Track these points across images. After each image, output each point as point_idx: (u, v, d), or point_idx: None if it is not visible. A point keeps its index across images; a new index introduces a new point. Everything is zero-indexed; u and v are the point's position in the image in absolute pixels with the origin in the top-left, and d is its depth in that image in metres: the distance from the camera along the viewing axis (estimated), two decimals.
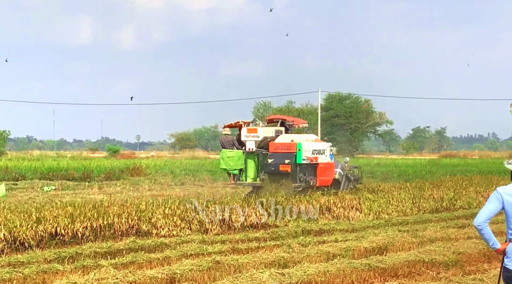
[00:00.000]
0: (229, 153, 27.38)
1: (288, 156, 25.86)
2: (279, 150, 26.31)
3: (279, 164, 25.83)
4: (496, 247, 7.01)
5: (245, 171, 27.28)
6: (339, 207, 21.87)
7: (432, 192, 26.16)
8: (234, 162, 27.17)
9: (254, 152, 27.11)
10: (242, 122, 28.46)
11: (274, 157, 26.11)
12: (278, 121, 28.77)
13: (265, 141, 26.95)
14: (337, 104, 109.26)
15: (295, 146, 25.98)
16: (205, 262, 13.07)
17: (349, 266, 12.83)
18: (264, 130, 27.48)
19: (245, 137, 27.45)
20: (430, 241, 16.20)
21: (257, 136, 27.13)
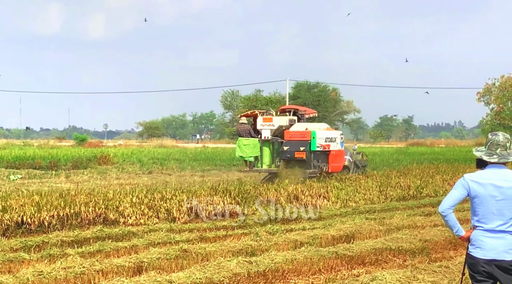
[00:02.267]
0: (245, 141, 28.64)
1: (303, 144, 27.35)
2: (294, 138, 27.77)
3: (294, 151, 27.34)
4: (460, 234, 7.06)
5: (261, 158, 28.84)
6: (306, 195, 21.89)
7: (399, 180, 26.28)
8: (250, 149, 28.56)
9: (270, 140, 28.72)
10: (258, 112, 30.07)
11: (290, 145, 27.60)
12: (291, 111, 30.11)
13: (280, 129, 28.54)
14: (305, 93, 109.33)
15: (309, 134, 27.51)
16: (172, 251, 13.04)
17: (316, 254, 12.85)
18: (279, 119, 28.92)
19: (261, 126, 28.89)
20: (397, 229, 16.28)
21: (273, 125, 28.70)
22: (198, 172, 37.61)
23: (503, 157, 6.83)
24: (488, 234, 6.81)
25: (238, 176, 33.99)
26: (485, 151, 6.94)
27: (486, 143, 6.98)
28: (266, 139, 28.79)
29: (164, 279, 10.49)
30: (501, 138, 6.91)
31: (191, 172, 37.75)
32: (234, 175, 34.87)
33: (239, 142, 28.86)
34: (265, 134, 28.77)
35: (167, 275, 10.74)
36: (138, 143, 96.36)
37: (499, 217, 6.76)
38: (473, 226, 6.97)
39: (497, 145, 6.88)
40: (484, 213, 6.82)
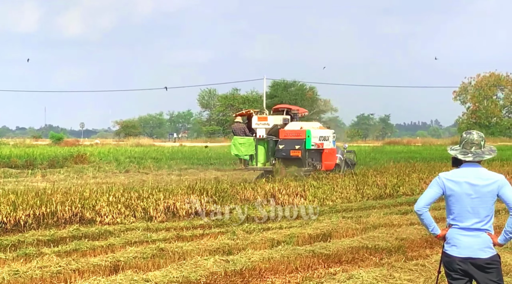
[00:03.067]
0: (241, 140, 29.13)
1: (298, 142, 28.05)
2: (289, 137, 28.48)
3: (290, 149, 28.09)
4: (436, 232, 7.08)
5: (256, 156, 29.22)
6: (283, 194, 21.91)
7: (375, 179, 26.37)
8: (245, 148, 28.94)
9: (264, 139, 29.12)
10: (252, 111, 30.50)
11: (285, 143, 28.30)
12: (284, 110, 30.90)
13: (274, 128, 29.15)
14: (282, 92, 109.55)
15: (304, 132, 28.25)
16: (149, 250, 13.03)
17: (293, 252, 12.89)
18: (274, 118, 29.61)
19: (256, 125, 29.39)
20: (373, 227, 16.34)
21: (267, 124, 29.26)
22: (175, 170, 37.49)
23: (478, 155, 6.87)
24: (464, 232, 6.84)
25: (215, 174, 33.99)
26: (460, 149, 6.97)
27: (461, 141, 7.01)
28: (261, 138, 29.16)
29: (141, 278, 10.47)
30: (476, 137, 6.95)
31: (168, 170, 37.64)
32: (211, 174, 34.82)
33: (235, 141, 29.35)
34: (260, 133, 29.14)
35: (143, 274, 10.73)
36: (115, 142, 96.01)
37: (474, 215, 6.80)
38: (449, 225, 7.00)
39: (472, 144, 6.91)
40: (459, 212, 6.85)
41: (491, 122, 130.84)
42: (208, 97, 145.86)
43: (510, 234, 6.83)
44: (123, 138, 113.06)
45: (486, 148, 6.97)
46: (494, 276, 6.79)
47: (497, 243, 6.86)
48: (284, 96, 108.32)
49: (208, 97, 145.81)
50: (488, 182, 6.78)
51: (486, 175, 6.85)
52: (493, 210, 6.87)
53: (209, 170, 38.58)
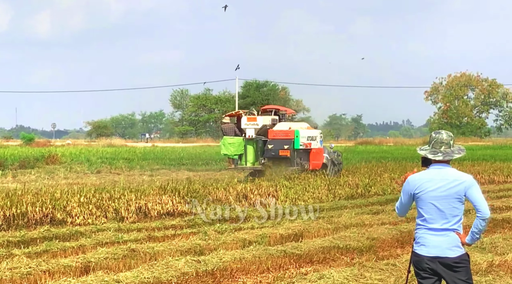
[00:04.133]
0: (230, 140, 29.87)
1: (287, 142, 28.70)
2: (278, 137, 29.10)
3: (279, 149, 28.72)
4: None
5: (245, 156, 30.04)
6: (255, 194, 21.93)
7: (347, 179, 26.46)
8: (235, 147, 29.72)
9: (253, 139, 29.89)
10: (242, 112, 31.25)
11: (274, 143, 28.91)
12: (272, 110, 31.63)
13: (264, 128, 29.73)
14: (254, 92, 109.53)
15: (293, 132, 28.84)
16: (120, 250, 12.99)
17: (265, 252, 12.90)
18: (263, 119, 30.14)
19: (245, 125, 30.07)
20: (345, 227, 16.37)
21: (257, 124, 29.85)
22: (147, 171, 37.38)
23: (447, 155, 6.90)
24: (432, 232, 6.87)
25: (188, 175, 33.93)
26: (430, 149, 7.00)
27: (430, 141, 7.04)
28: (250, 138, 29.86)
29: (112, 278, 10.45)
30: (445, 136, 6.98)
31: (140, 171, 37.52)
32: (183, 174, 34.78)
33: (224, 141, 29.98)
34: (249, 133, 29.83)
35: (114, 275, 10.70)
36: (86, 142, 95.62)
37: (442, 216, 6.83)
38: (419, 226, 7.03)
39: (441, 143, 6.95)
40: (427, 212, 6.88)
41: (462, 122, 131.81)
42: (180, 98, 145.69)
43: (476, 234, 6.89)
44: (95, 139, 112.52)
45: (455, 147, 7.01)
46: (463, 275, 6.82)
47: (465, 242, 6.90)
48: (256, 96, 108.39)
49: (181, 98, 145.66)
50: (456, 182, 6.82)
51: (454, 175, 6.88)
52: (462, 209, 6.90)
53: (181, 170, 38.51)
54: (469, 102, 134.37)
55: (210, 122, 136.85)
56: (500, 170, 32.46)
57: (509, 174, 31.78)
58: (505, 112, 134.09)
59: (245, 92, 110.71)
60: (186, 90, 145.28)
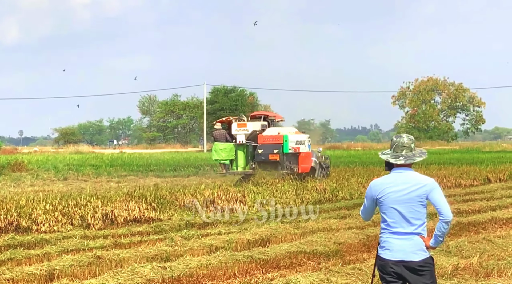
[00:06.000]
0: (221, 145, 30.65)
1: (276, 147, 29.53)
2: (267, 142, 29.97)
3: (268, 153, 29.57)
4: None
5: (236, 161, 30.81)
6: (223, 199, 21.91)
7: (315, 184, 26.49)
8: (226, 153, 30.54)
9: (244, 144, 30.63)
10: (232, 118, 31.85)
11: (264, 148, 29.76)
12: (261, 116, 32.37)
13: (253, 134, 30.58)
14: (222, 98, 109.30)
15: (282, 137, 29.65)
16: (85, 258, 12.87)
17: (231, 258, 12.84)
18: (253, 124, 30.96)
19: (236, 131, 30.83)
20: (312, 232, 16.35)
21: (247, 130, 30.72)
22: (115, 177, 37.23)
23: (409, 158, 6.91)
24: (396, 236, 6.87)
25: (155, 181, 33.86)
26: (391, 153, 7.01)
27: (391, 145, 7.05)
28: (241, 144, 30.61)
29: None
30: (406, 140, 6.99)
31: (108, 177, 37.36)
32: (151, 180, 34.70)
33: (215, 146, 30.88)
34: (240, 138, 30.58)
35: (79, 282, 10.63)
36: (54, 149, 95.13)
37: (405, 220, 6.83)
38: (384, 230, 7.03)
39: (402, 147, 6.95)
40: (391, 216, 6.88)
41: (429, 126, 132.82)
42: (148, 104, 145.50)
43: (440, 237, 6.88)
44: (62, 146, 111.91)
45: (417, 151, 7.03)
46: (427, 278, 6.83)
47: (429, 246, 6.91)
48: (225, 102, 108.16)
49: (149, 104, 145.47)
50: (418, 186, 6.82)
51: (416, 179, 6.88)
52: (425, 213, 6.92)
53: (149, 176, 38.41)
54: (436, 106, 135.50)
55: (179, 128, 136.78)
56: (466, 174, 32.67)
57: (476, 177, 32.00)
58: (472, 116, 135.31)
59: (213, 97, 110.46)
60: (154, 96, 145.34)
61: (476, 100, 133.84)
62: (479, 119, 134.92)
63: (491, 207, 21.72)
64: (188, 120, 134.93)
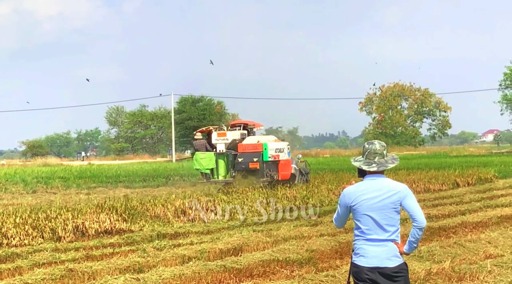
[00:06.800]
0: (202, 155, 31.11)
1: (256, 155, 29.90)
2: (247, 150, 30.33)
3: (248, 162, 30.01)
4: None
5: (217, 169, 31.33)
6: (194, 209, 21.84)
7: (285, 191, 26.52)
8: (206, 162, 31.00)
9: (224, 153, 31.20)
10: (212, 128, 32.53)
11: (244, 156, 30.21)
12: (241, 125, 32.83)
13: (233, 143, 31.04)
14: (190, 107, 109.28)
15: (261, 146, 30.05)
16: (58, 271, 12.77)
17: (204, 268, 12.81)
18: (232, 134, 31.41)
19: (216, 140, 31.31)
20: (284, 240, 16.36)
21: (227, 139, 31.17)
22: (84, 189, 37.04)
23: (381, 165, 6.94)
24: (370, 242, 6.87)
25: (125, 192, 33.73)
26: (364, 160, 7.03)
27: (364, 152, 7.07)
28: (221, 153, 31.14)
29: None
30: (378, 147, 7.02)
31: (77, 190, 37.17)
32: (121, 191, 34.57)
33: (196, 156, 31.28)
34: (220, 148, 31.10)
35: None
36: (21, 162, 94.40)
37: (379, 227, 6.83)
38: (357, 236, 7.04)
39: (375, 154, 6.98)
40: (365, 223, 6.89)
41: (396, 131, 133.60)
42: (116, 115, 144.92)
43: (414, 243, 6.91)
44: (30, 159, 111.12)
45: (389, 157, 7.06)
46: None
47: (403, 252, 6.93)
48: (192, 111, 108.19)
49: (116, 115, 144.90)
50: (391, 192, 6.84)
51: (389, 186, 6.90)
52: (399, 219, 6.94)
53: (119, 187, 38.26)
54: (403, 112, 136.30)
55: (147, 139, 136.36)
56: (435, 178, 32.85)
57: (444, 182, 32.20)
58: (438, 121, 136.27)
59: (181, 107, 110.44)
60: (122, 107, 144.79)
61: (442, 105, 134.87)
62: (445, 124, 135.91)
63: (460, 211, 21.87)
64: (156, 131, 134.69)
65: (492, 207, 23.10)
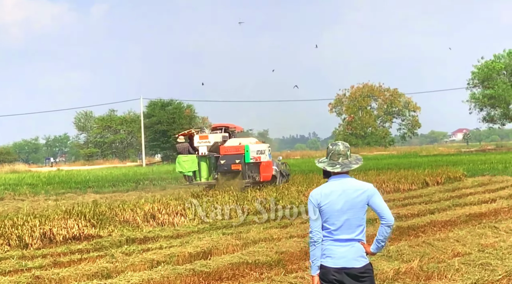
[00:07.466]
0: (184, 158, 31.65)
1: (238, 157, 30.55)
2: (229, 152, 30.95)
3: (231, 163, 30.56)
4: (312, 273, 7.08)
5: (199, 172, 31.82)
6: (163, 213, 21.70)
7: (255, 194, 26.45)
8: (189, 165, 31.48)
9: (206, 155, 31.75)
10: (194, 131, 33.14)
11: (226, 158, 30.81)
12: (222, 128, 33.32)
13: (215, 145, 31.69)
14: (159, 111, 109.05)
15: (243, 148, 30.71)
16: (24, 278, 12.63)
17: (173, 272, 12.74)
18: (214, 136, 32.07)
19: (198, 143, 31.87)
20: (253, 242, 16.32)
21: (208, 141, 31.76)
22: (53, 195, 36.72)
23: (345, 166, 6.91)
24: (338, 243, 6.84)
25: (94, 197, 33.52)
26: (328, 161, 7.00)
27: (328, 153, 7.04)
28: (203, 155, 31.69)
29: None
30: (342, 148, 6.99)
31: (45, 196, 36.81)
32: (90, 197, 34.33)
33: (179, 159, 31.79)
34: (202, 150, 31.67)
35: None
36: None
37: (347, 227, 6.81)
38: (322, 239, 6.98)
39: (339, 154, 6.95)
40: (332, 224, 6.85)
41: (366, 132, 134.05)
42: (84, 120, 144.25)
43: (382, 242, 6.89)
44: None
45: (353, 157, 7.03)
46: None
47: (370, 252, 6.91)
48: (162, 115, 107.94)
49: (85, 120, 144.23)
50: (358, 192, 6.82)
51: (356, 185, 6.88)
52: (365, 219, 6.92)
53: (88, 193, 37.98)
54: (373, 112, 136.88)
55: (116, 143, 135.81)
56: (404, 178, 32.97)
57: (414, 181, 32.33)
58: (408, 121, 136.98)
59: (150, 111, 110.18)
60: (90, 112, 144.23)
61: (412, 105, 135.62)
62: (415, 124, 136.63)
63: (429, 210, 21.96)
64: (125, 135, 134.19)
65: (460, 205, 23.22)
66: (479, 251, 13.77)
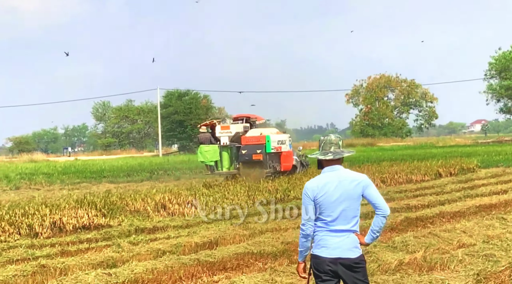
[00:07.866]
0: (206, 148, 32.09)
1: (259, 147, 30.87)
2: (250, 142, 31.24)
3: (252, 153, 30.84)
4: (299, 259, 7.19)
5: (221, 162, 32.42)
6: (174, 203, 21.78)
7: (267, 184, 26.50)
8: (211, 155, 31.98)
9: (228, 145, 32.37)
10: (215, 121, 33.71)
11: (247, 148, 31.06)
12: (243, 119, 33.86)
13: (237, 136, 32.15)
14: (176, 101, 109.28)
15: (264, 138, 31.05)
16: (30, 267, 12.75)
17: (178, 262, 12.80)
18: (236, 127, 32.66)
19: (219, 133, 32.60)
20: (260, 233, 16.36)
21: (230, 132, 32.42)
22: (68, 185, 36.92)
23: (337, 154, 6.92)
24: (333, 233, 6.86)
25: (108, 187, 33.67)
26: (320, 151, 7.05)
27: (320, 144, 7.07)
28: (225, 145, 32.33)
29: None
30: (333, 138, 7.04)
31: (60, 185, 37.03)
32: (104, 187, 34.49)
33: (201, 149, 32.16)
34: (224, 140, 32.37)
35: None
36: (7, 159, 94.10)
37: (342, 218, 6.83)
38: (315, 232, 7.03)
39: (330, 144, 6.98)
40: (328, 215, 6.87)
41: (383, 123, 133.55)
42: (102, 110, 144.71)
43: (376, 233, 6.91)
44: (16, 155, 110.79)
45: (345, 148, 7.08)
46: (361, 275, 6.85)
47: (364, 242, 6.93)
48: (179, 105, 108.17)
49: (103, 110, 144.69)
50: (354, 183, 6.84)
51: (350, 176, 6.90)
52: (359, 210, 6.95)
53: (103, 183, 38.16)
54: (390, 103, 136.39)
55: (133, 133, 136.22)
56: (417, 169, 32.88)
57: (426, 172, 32.22)
58: (425, 112, 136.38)
59: (167, 101, 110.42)
60: (108, 102, 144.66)
61: (429, 96, 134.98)
62: (432, 115, 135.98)
63: (440, 202, 21.91)
64: (143, 125, 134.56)
65: (471, 196, 23.14)
66: (484, 242, 13.71)
